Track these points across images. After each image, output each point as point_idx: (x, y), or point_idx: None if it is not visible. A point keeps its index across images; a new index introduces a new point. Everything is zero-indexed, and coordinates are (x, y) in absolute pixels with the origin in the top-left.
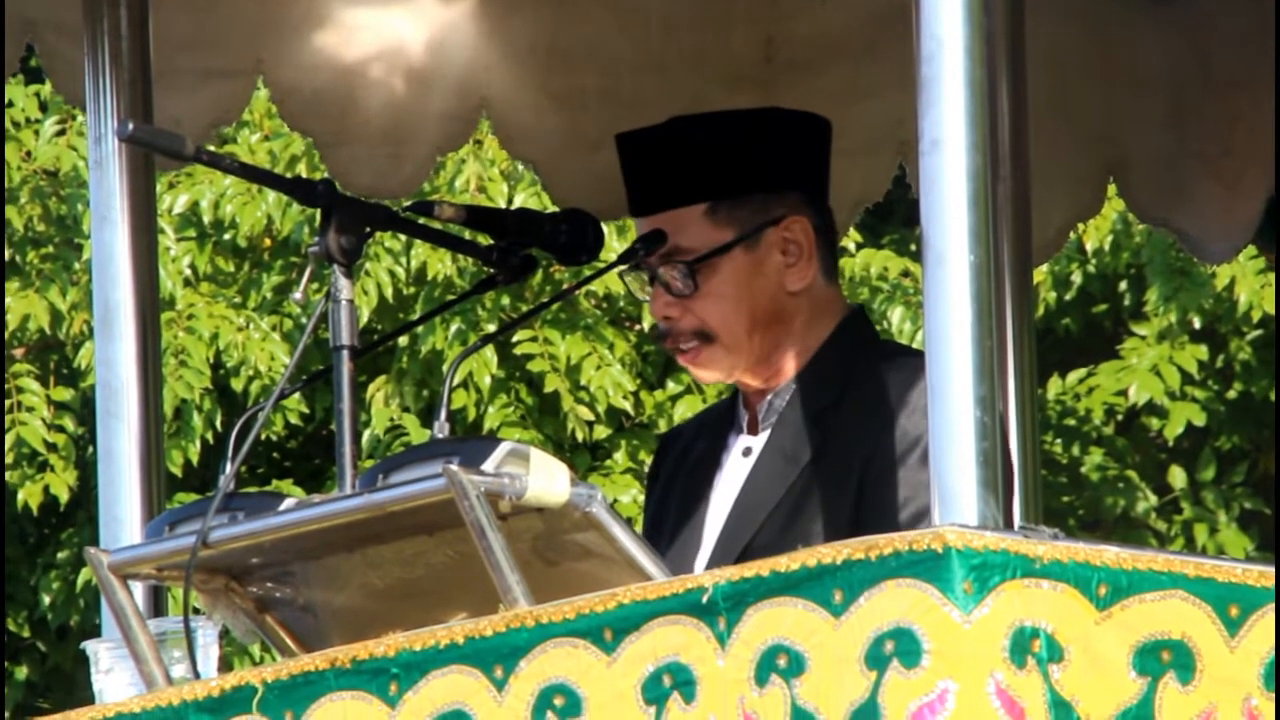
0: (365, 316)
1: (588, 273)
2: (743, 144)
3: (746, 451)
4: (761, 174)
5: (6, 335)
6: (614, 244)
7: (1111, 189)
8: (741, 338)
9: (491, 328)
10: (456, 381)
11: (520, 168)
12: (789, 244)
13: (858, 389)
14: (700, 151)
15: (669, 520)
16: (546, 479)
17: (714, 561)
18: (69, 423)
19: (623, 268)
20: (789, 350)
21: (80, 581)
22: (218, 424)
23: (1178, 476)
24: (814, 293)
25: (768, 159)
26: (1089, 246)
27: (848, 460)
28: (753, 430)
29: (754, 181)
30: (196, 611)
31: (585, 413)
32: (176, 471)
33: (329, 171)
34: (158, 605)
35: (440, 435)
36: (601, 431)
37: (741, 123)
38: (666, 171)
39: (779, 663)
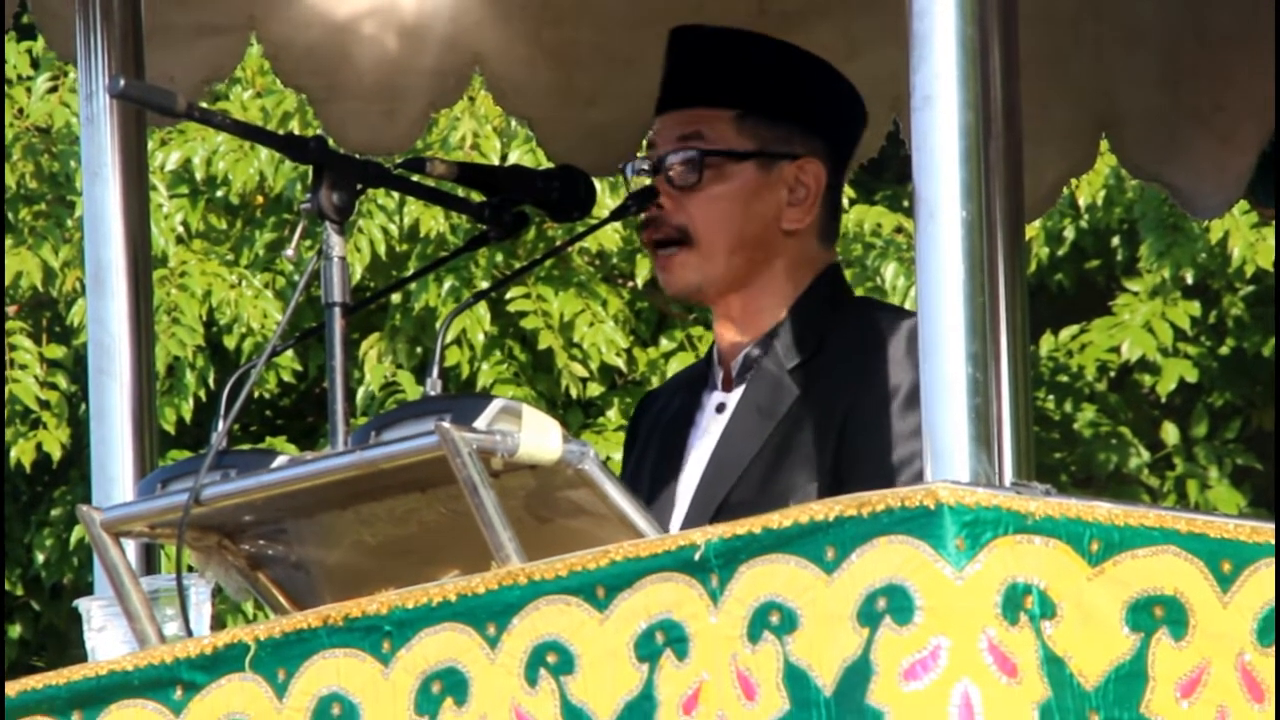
0: (358, 273)
1: (580, 229)
2: (793, 73)
3: (720, 408)
4: (800, 107)
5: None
6: (606, 200)
7: (1104, 144)
8: (720, 249)
9: (484, 284)
10: (449, 338)
11: (514, 124)
12: (799, 184)
13: (833, 342)
14: (749, 62)
15: (644, 480)
16: (539, 436)
17: (689, 518)
18: (61, 380)
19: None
20: (766, 299)
21: (73, 539)
22: (210, 381)
23: (1170, 433)
24: (803, 242)
25: (811, 99)
26: (1081, 202)
27: (827, 412)
28: (727, 387)
29: (790, 111)
30: (189, 569)
31: (578, 369)
32: (169, 429)
33: (322, 128)
34: (150, 563)
35: (433, 392)
36: (594, 389)
37: (801, 58)
38: (714, 69)
39: (771, 620)
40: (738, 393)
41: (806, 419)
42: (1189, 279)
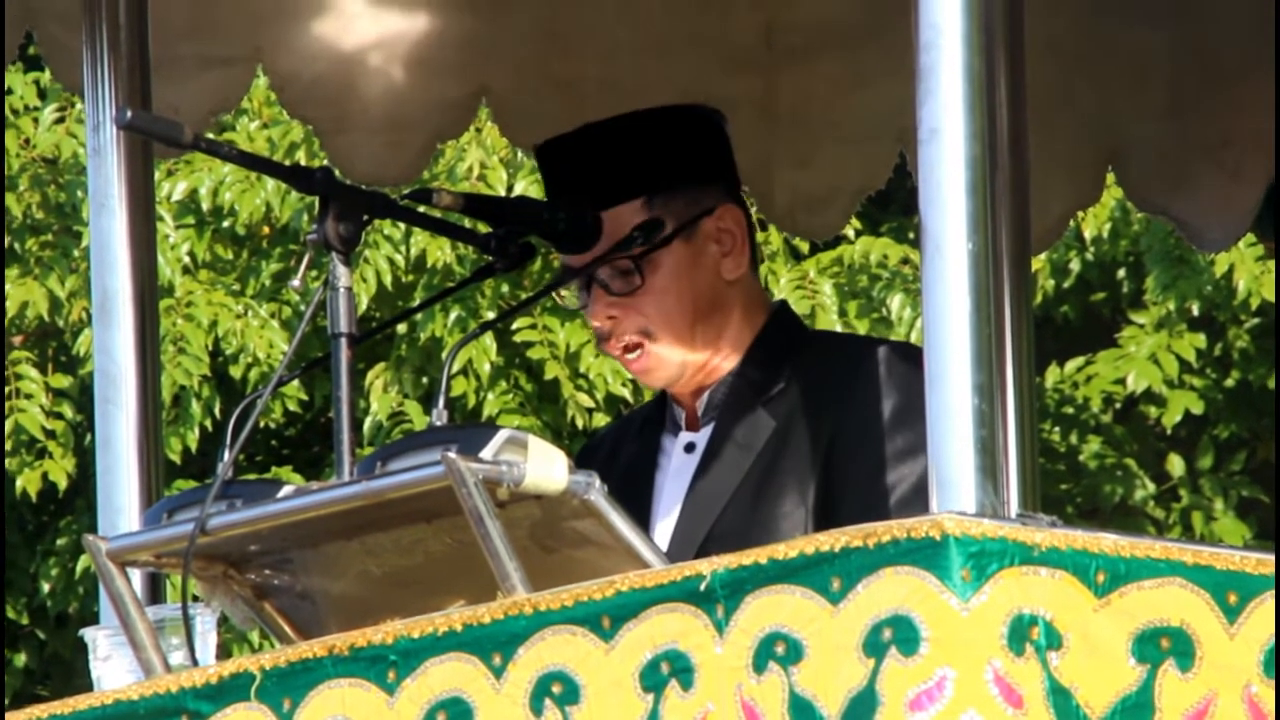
0: (364, 304)
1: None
2: (666, 138)
3: (689, 447)
4: (689, 166)
5: (5, 322)
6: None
7: (1110, 177)
8: (685, 331)
9: (491, 315)
10: (456, 368)
11: (520, 155)
12: (723, 233)
13: (805, 374)
14: (628, 148)
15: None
16: (544, 466)
17: (672, 555)
18: (67, 410)
19: (555, 286)
20: (726, 343)
21: (79, 569)
22: (216, 411)
23: (1176, 464)
24: (745, 283)
25: (692, 150)
26: (1087, 235)
27: (810, 440)
28: (692, 427)
29: (684, 173)
30: (195, 599)
31: (584, 400)
32: (175, 459)
33: (328, 159)
34: (156, 592)
35: (439, 422)
36: (600, 419)
37: (657, 119)
38: (599, 171)
39: (777, 650)
40: (707, 430)
41: (788, 448)
42: (1194, 311)
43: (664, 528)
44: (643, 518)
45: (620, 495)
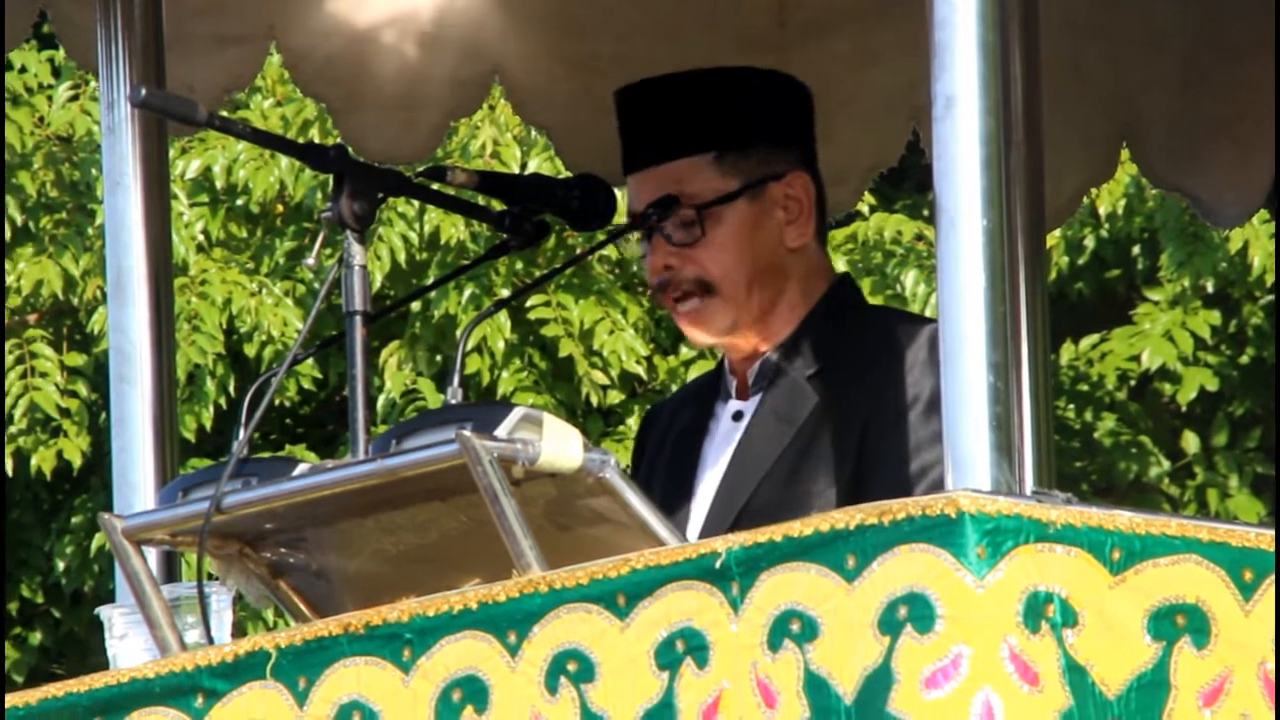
0: (378, 282)
1: (601, 237)
2: (747, 97)
3: (737, 416)
4: (766, 128)
5: (19, 301)
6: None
7: (1125, 153)
8: (741, 289)
9: (505, 293)
10: (470, 346)
11: (534, 133)
12: (790, 200)
13: (851, 350)
14: (707, 102)
15: (657, 490)
16: (559, 444)
17: (710, 522)
18: (82, 388)
19: (618, 234)
20: (782, 311)
21: (94, 547)
22: (231, 389)
23: (1190, 442)
24: (809, 253)
25: (771, 114)
26: (1102, 211)
27: (847, 419)
28: (742, 396)
29: (759, 134)
30: (210, 577)
31: (599, 377)
32: (190, 437)
33: (342, 137)
34: (171, 571)
35: (454, 400)
36: (615, 396)
37: (743, 78)
38: (675, 121)
39: (792, 628)
40: (755, 400)
41: (826, 425)
42: (1209, 288)
43: (704, 497)
44: (689, 484)
45: (673, 460)
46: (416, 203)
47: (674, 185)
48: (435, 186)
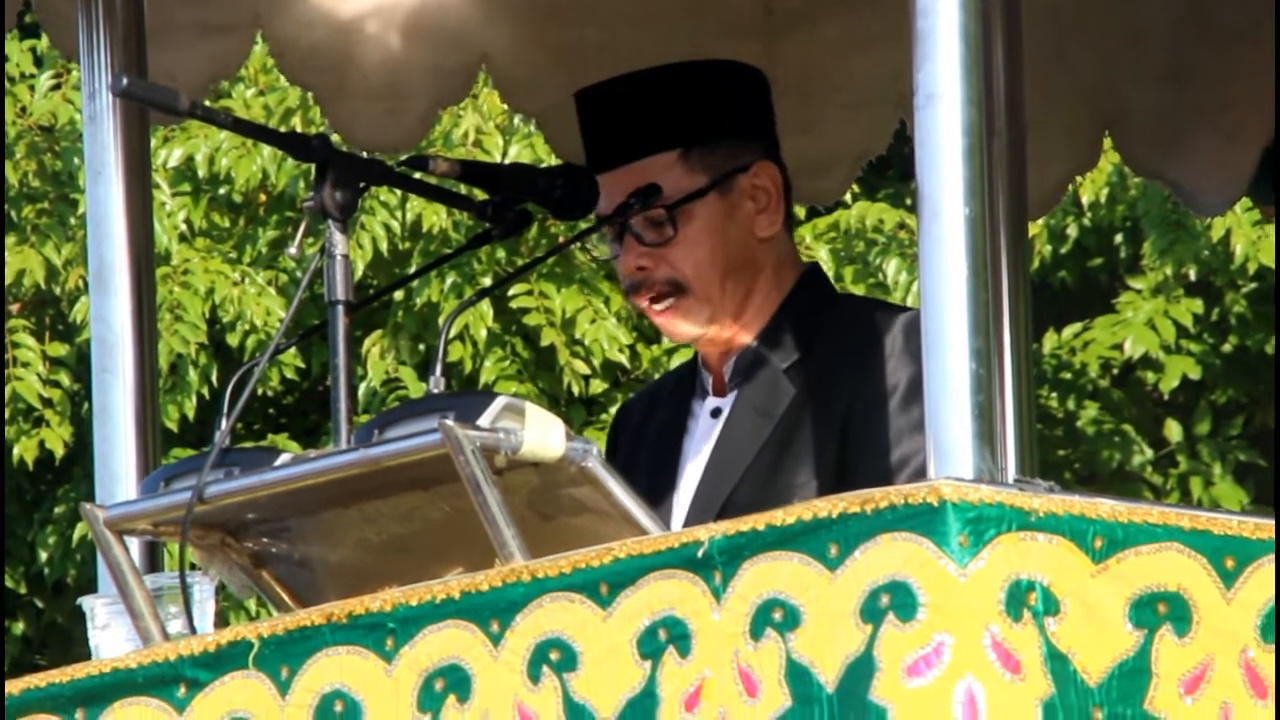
0: (360, 271)
1: (583, 226)
2: (708, 91)
3: (715, 412)
4: (729, 120)
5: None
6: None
7: (1107, 142)
8: (715, 285)
9: (487, 281)
10: (452, 335)
11: (516, 121)
12: (758, 190)
13: (826, 341)
14: (669, 99)
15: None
16: (542, 433)
17: (691, 520)
18: (64, 378)
19: (588, 233)
20: (756, 301)
21: (76, 537)
22: (213, 379)
23: (1173, 430)
24: (778, 242)
25: (733, 105)
26: (1085, 200)
27: (826, 410)
28: (719, 392)
29: (724, 127)
30: (193, 567)
31: (581, 367)
32: (172, 427)
33: (329, 125)
34: (153, 561)
35: (436, 389)
36: (597, 386)
37: (703, 71)
38: (638, 120)
39: (774, 616)
40: (732, 396)
41: (806, 417)
42: (1192, 276)
43: (685, 494)
44: (669, 482)
45: (652, 460)
46: (399, 192)
47: (643, 183)
48: (417, 176)
